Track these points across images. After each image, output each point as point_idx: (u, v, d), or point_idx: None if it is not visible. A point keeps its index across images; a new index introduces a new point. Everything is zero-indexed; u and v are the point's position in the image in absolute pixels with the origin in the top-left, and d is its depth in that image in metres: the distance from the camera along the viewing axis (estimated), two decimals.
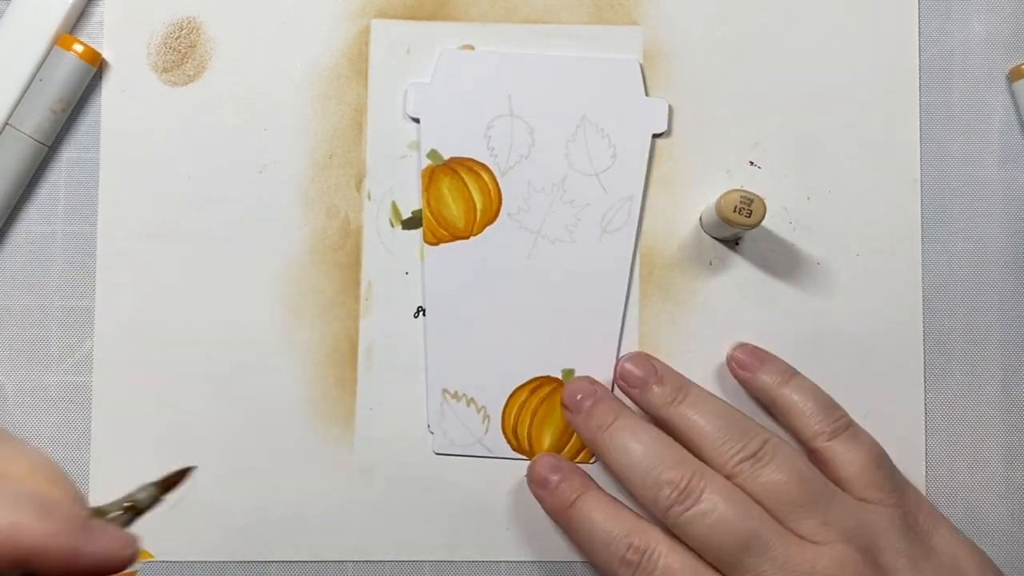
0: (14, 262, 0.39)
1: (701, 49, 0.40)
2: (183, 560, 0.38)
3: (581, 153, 0.39)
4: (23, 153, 0.38)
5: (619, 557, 0.34)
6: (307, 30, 0.39)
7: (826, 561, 0.32)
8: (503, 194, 0.39)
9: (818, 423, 0.36)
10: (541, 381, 0.39)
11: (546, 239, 0.39)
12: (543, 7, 0.40)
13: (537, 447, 0.38)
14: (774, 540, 0.33)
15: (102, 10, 0.39)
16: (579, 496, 0.35)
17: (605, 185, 0.39)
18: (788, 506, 0.34)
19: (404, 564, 0.38)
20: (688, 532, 0.33)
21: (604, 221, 0.39)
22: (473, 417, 0.38)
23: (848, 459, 0.35)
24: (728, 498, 0.33)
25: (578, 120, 0.39)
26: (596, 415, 0.36)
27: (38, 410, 0.38)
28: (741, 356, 0.38)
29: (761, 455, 0.34)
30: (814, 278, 0.39)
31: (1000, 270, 0.39)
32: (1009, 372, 0.39)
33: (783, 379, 0.37)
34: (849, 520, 0.34)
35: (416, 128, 0.39)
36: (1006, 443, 0.39)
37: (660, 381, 0.36)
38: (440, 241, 0.39)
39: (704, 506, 0.33)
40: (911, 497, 0.36)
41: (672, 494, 0.33)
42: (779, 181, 0.39)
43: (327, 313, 0.39)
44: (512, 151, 0.39)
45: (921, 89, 0.40)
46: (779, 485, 0.34)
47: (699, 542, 0.33)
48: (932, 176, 0.40)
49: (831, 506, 0.34)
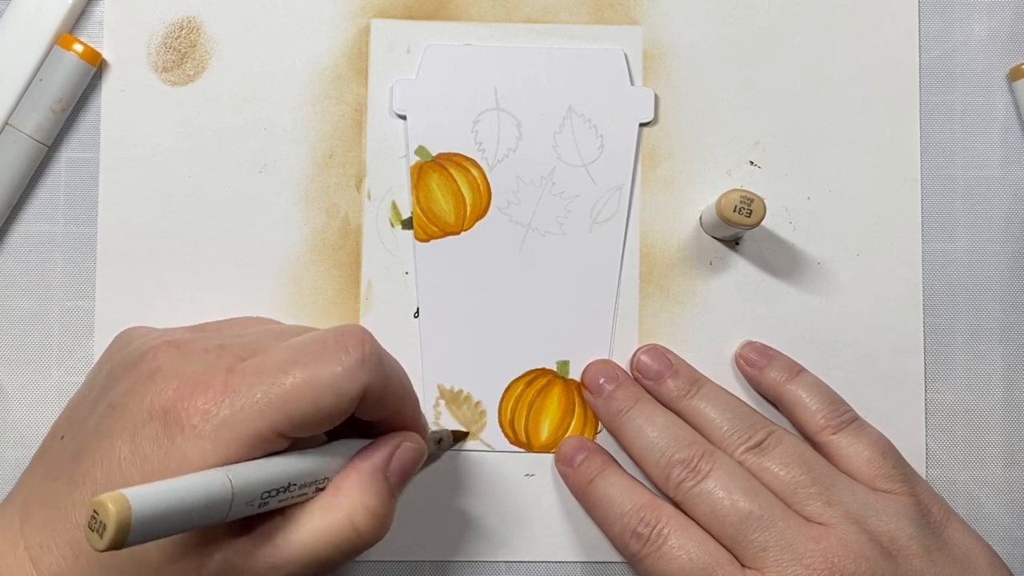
0: (14, 263, 0.39)
1: (701, 49, 0.40)
2: None
3: (569, 144, 0.39)
4: (23, 153, 0.38)
5: (631, 530, 0.35)
6: (307, 30, 0.39)
7: (831, 540, 0.33)
8: (492, 188, 0.39)
9: (823, 417, 0.36)
10: (536, 373, 0.39)
11: (537, 232, 0.39)
12: (543, 7, 0.40)
13: (534, 439, 0.38)
14: (779, 518, 0.33)
15: (102, 10, 0.39)
16: (600, 473, 0.37)
17: (593, 176, 0.39)
18: (793, 488, 0.34)
19: (404, 564, 0.38)
20: (696, 507, 0.34)
21: (594, 212, 0.39)
22: (470, 412, 0.39)
23: (854, 452, 0.36)
24: (736, 476, 0.34)
25: (564, 111, 0.39)
26: (616, 399, 0.37)
27: (38, 410, 0.38)
28: (749, 354, 0.38)
29: (767, 445, 0.35)
30: (814, 278, 0.39)
31: (1000, 270, 0.39)
32: (1009, 372, 0.39)
33: (790, 376, 0.37)
34: (855, 503, 0.34)
35: None
36: (1006, 443, 0.39)
37: (675, 375, 0.37)
38: (431, 238, 0.39)
39: (712, 482, 0.34)
40: (923, 488, 0.36)
41: (683, 472, 0.35)
42: (779, 181, 0.39)
43: (327, 313, 0.39)
44: (500, 145, 0.39)
45: (921, 89, 0.40)
46: (783, 469, 0.35)
47: (706, 517, 0.34)
48: (932, 176, 0.40)
49: (836, 489, 0.34)
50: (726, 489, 0.34)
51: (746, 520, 0.33)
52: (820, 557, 0.32)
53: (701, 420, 0.36)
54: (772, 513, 0.33)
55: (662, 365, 0.38)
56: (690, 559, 0.33)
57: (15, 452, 0.38)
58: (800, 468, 0.35)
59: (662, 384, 0.37)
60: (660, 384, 0.37)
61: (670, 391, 0.37)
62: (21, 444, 0.38)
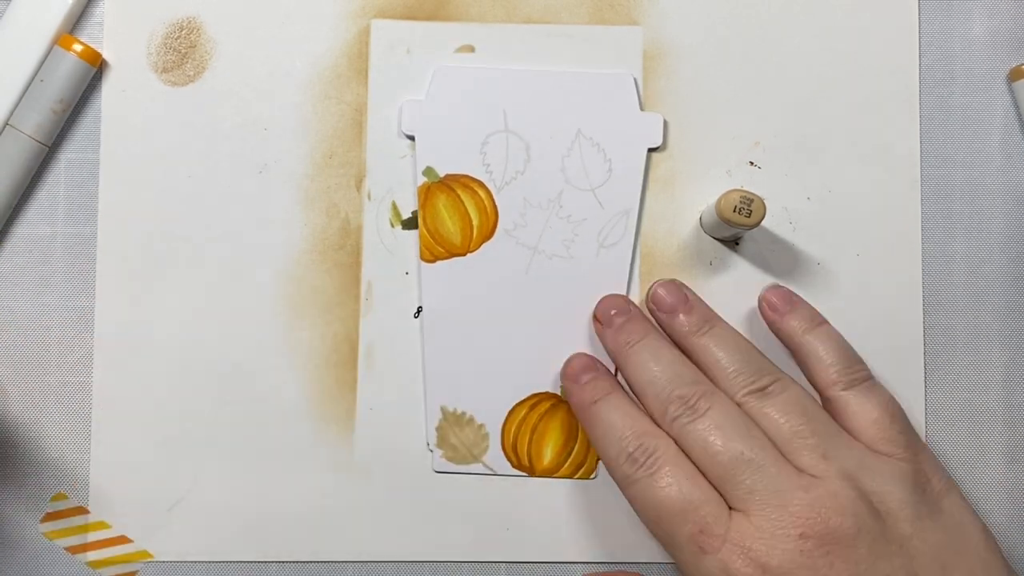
0: (14, 263, 0.39)
1: (701, 49, 0.40)
2: (183, 560, 0.38)
3: (577, 168, 0.39)
4: (23, 153, 0.38)
5: (626, 453, 0.35)
6: (307, 30, 0.39)
7: (820, 491, 0.32)
8: (499, 210, 0.39)
9: (836, 372, 0.36)
10: (540, 397, 0.39)
11: (543, 255, 0.39)
12: (543, 7, 0.40)
13: (537, 463, 0.38)
14: (770, 463, 0.33)
15: (102, 10, 0.39)
16: (605, 396, 0.36)
17: (601, 200, 0.39)
18: (790, 437, 0.34)
19: (404, 564, 0.38)
20: (690, 443, 0.34)
21: (601, 236, 0.39)
22: (472, 435, 0.38)
23: (862, 411, 0.35)
24: (733, 417, 0.34)
25: (573, 135, 0.39)
26: (625, 331, 0.37)
27: (38, 410, 0.38)
28: (773, 298, 0.38)
29: (771, 391, 0.35)
30: (814, 278, 0.39)
31: (1000, 270, 0.39)
32: (1009, 372, 0.39)
33: (810, 326, 0.37)
34: (851, 460, 0.34)
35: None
36: (1006, 443, 0.39)
37: (688, 311, 0.37)
38: (437, 259, 0.39)
39: (708, 421, 0.34)
40: (926, 457, 0.35)
41: (680, 407, 0.34)
42: (779, 181, 0.39)
43: (327, 313, 0.39)
44: (508, 167, 0.39)
45: (921, 89, 0.40)
46: (783, 417, 0.34)
47: (698, 455, 0.34)
48: (932, 176, 0.40)
49: (833, 444, 0.34)
50: (721, 429, 0.34)
51: (737, 461, 0.33)
52: (806, 506, 0.32)
53: (708, 359, 0.36)
54: (764, 458, 0.33)
55: (677, 299, 0.37)
56: (679, 491, 0.33)
57: (14, 451, 0.38)
58: (801, 418, 0.34)
59: (674, 319, 0.37)
60: (673, 319, 0.37)
61: (681, 326, 0.37)
62: (21, 443, 0.38)
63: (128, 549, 0.38)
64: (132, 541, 0.38)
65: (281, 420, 0.38)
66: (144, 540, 0.38)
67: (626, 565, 0.38)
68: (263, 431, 0.38)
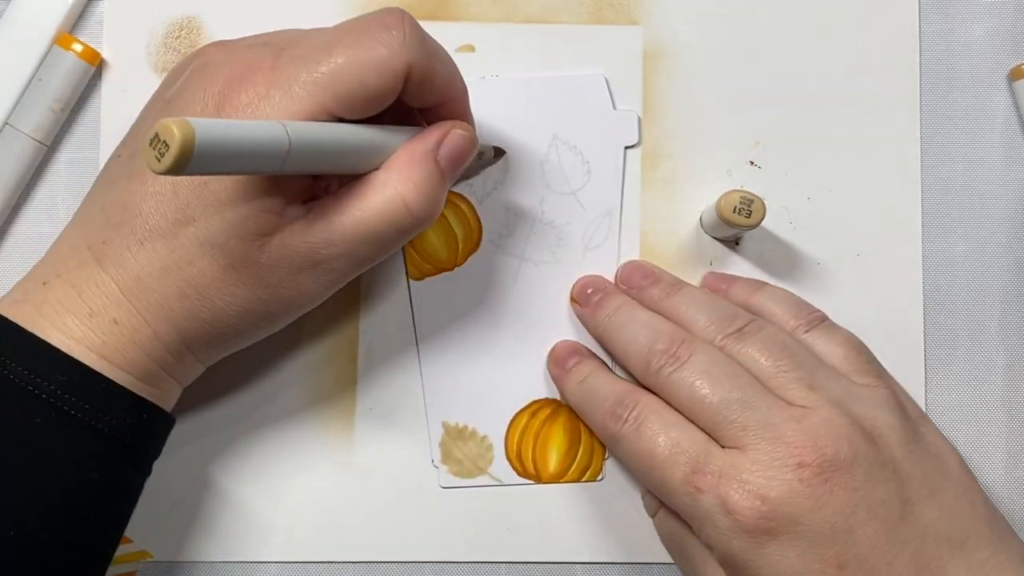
0: (14, 263, 0.39)
1: (701, 49, 0.40)
2: (183, 560, 0.38)
3: (556, 172, 0.39)
4: (23, 153, 0.38)
5: (610, 412, 0.35)
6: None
7: (813, 420, 0.32)
8: (483, 222, 0.39)
9: (793, 317, 0.36)
10: (540, 404, 0.39)
11: (530, 262, 0.39)
12: (543, 7, 0.40)
13: (543, 470, 0.38)
14: (759, 399, 0.33)
15: (102, 10, 0.39)
16: (590, 373, 0.37)
17: (583, 202, 0.39)
18: (774, 373, 0.34)
19: (404, 564, 0.38)
20: (675, 391, 0.34)
21: (585, 238, 0.39)
22: (476, 447, 0.38)
23: (828, 350, 0.36)
24: (716, 360, 0.34)
25: (550, 140, 0.39)
26: (602, 305, 0.37)
27: None
28: (711, 281, 0.39)
29: (747, 331, 0.35)
30: (814, 278, 0.39)
31: (1001, 270, 0.39)
32: (1010, 372, 0.39)
33: (753, 290, 0.38)
34: (838, 388, 0.34)
35: None
36: (1007, 443, 0.39)
37: (656, 281, 0.38)
38: (425, 275, 0.39)
39: (692, 367, 0.34)
40: (897, 387, 0.36)
41: (662, 358, 0.34)
42: (779, 181, 0.39)
43: (326, 313, 0.39)
44: (488, 178, 0.39)
45: (922, 89, 0.40)
46: (764, 355, 0.34)
47: (685, 401, 0.34)
48: (932, 176, 0.40)
49: (817, 374, 0.34)
50: (706, 373, 0.34)
51: (725, 402, 0.33)
52: (802, 436, 0.32)
53: (682, 316, 0.36)
54: (752, 395, 0.33)
55: (644, 273, 0.38)
56: (666, 437, 0.33)
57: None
58: (782, 353, 0.34)
59: (644, 292, 0.38)
60: (643, 292, 0.38)
61: (652, 296, 0.37)
62: None
63: (127, 549, 0.38)
64: (132, 541, 0.38)
65: (281, 420, 0.38)
66: (144, 540, 0.38)
67: (630, 566, 0.38)
68: (263, 431, 0.38)
